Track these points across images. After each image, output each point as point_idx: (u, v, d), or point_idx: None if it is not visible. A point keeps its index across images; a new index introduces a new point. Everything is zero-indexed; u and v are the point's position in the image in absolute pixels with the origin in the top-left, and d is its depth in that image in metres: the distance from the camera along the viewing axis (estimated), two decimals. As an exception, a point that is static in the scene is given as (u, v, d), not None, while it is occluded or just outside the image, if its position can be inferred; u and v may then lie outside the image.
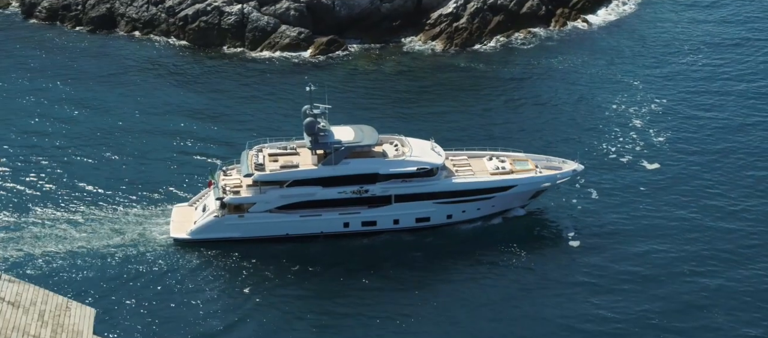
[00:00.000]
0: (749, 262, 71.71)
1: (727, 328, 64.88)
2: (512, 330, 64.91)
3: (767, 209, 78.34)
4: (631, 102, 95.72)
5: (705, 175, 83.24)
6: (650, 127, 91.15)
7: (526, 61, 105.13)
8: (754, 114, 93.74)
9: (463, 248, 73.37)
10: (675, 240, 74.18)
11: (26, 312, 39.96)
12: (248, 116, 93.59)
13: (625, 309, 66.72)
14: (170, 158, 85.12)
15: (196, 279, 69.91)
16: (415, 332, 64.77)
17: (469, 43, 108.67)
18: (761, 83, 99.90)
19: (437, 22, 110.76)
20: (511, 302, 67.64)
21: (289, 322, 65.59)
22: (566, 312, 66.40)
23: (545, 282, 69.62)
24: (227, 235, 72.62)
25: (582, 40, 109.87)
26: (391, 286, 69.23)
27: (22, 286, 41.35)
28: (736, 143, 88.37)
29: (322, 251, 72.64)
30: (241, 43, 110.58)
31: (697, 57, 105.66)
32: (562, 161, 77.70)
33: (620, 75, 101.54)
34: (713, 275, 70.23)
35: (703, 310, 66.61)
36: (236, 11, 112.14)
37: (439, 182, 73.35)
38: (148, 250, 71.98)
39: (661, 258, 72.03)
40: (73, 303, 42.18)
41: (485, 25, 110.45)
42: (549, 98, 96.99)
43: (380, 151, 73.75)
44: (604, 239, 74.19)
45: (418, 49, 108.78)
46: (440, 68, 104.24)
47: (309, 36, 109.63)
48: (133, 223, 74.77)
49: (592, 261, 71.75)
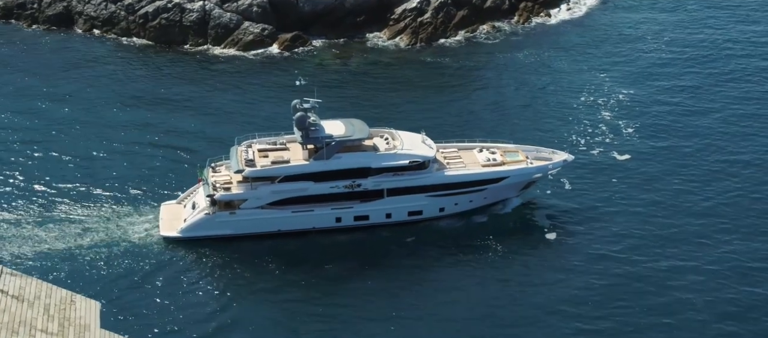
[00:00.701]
0: (722, 244, 72.52)
1: (702, 308, 65.67)
2: (498, 321, 64.81)
3: (738, 193, 79.35)
4: (598, 94, 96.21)
5: (676, 164, 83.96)
6: (619, 118, 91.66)
7: (492, 56, 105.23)
8: (719, 101, 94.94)
9: (444, 244, 73.09)
10: (649, 228, 74.62)
11: (31, 306, 38.75)
12: (223, 113, 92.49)
13: (604, 295, 66.97)
14: (153, 157, 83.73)
15: (188, 277, 68.82)
16: (409, 326, 64.39)
17: (434, 38, 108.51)
18: (724, 72, 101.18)
19: (402, 18, 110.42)
20: (493, 294, 67.44)
21: (282, 319, 64.88)
22: (547, 300, 66.41)
23: (526, 274, 69.57)
24: (218, 232, 71.55)
25: (546, 34, 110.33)
26: (380, 282, 68.74)
27: (24, 280, 40.11)
28: (703, 130, 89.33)
29: (314, 247, 71.97)
30: (203, 40, 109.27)
31: (660, 48, 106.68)
32: (552, 151, 77.81)
33: (586, 68, 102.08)
34: (689, 258, 70.86)
35: (680, 291, 67.18)
36: (198, 8, 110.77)
37: (431, 175, 72.90)
38: (137, 249, 70.70)
39: (636, 246, 72.38)
40: (77, 297, 41.03)
41: (449, 19, 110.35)
42: (517, 92, 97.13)
43: (371, 145, 73.11)
44: (579, 230, 74.36)
45: (383, 44, 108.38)
46: (407, 63, 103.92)
47: (273, 32, 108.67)
48: (117, 223, 73.39)
49: (570, 252, 71.94)
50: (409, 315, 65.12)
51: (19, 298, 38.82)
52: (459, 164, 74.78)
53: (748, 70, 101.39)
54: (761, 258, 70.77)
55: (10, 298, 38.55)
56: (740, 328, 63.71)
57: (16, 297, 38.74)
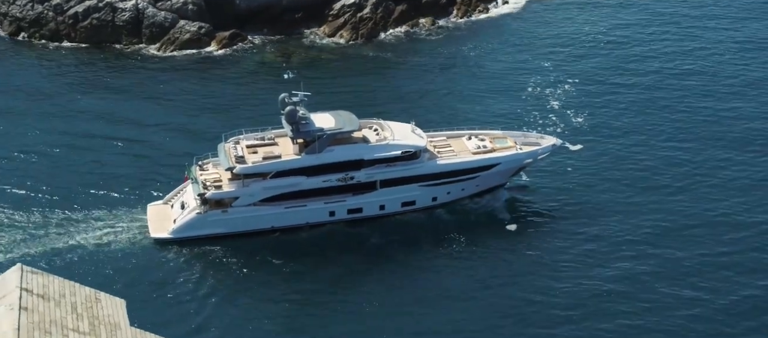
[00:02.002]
0: (681, 229, 73.37)
1: (667, 292, 66.12)
2: (471, 315, 64.20)
3: (691, 175, 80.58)
4: (545, 85, 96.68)
5: (627, 151, 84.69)
6: (568, 108, 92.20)
7: (435, 50, 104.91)
8: (663, 88, 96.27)
9: (404, 240, 72.24)
10: (606, 215, 75.05)
11: (58, 304, 36.45)
12: (175, 113, 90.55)
13: (570, 283, 67.03)
14: (123, 161, 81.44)
15: (182, 278, 66.81)
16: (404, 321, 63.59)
17: (374, 34, 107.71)
18: (666, 59, 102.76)
19: (340, 13, 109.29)
20: (461, 289, 66.79)
21: (276, 317, 63.53)
22: (515, 292, 66.21)
23: (493, 266, 69.18)
24: (211, 231, 69.65)
25: (486, 27, 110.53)
26: (373, 277, 67.87)
27: (46, 278, 37.75)
28: (652, 117, 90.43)
29: (308, 243, 70.77)
30: (138, 40, 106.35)
31: (600, 39, 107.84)
32: (540, 136, 77.87)
33: (530, 59, 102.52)
34: (650, 244, 71.38)
35: (644, 276, 67.67)
36: (130, 7, 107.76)
37: (424, 165, 72.20)
38: (128, 253, 68.34)
39: (596, 234, 72.65)
40: (101, 294, 38.77)
41: (389, 15, 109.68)
42: (464, 85, 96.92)
43: (361, 136, 72.07)
44: (539, 221, 74.37)
45: (324, 41, 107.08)
46: (349, 58, 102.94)
47: (210, 30, 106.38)
48: (103, 228, 70.81)
49: (531, 243, 71.84)
50: (403, 311, 64.42)
51: (45, 297, 36.52)
52: (450, 152, 74.22)
53: (688, 57, 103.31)
54: (725, 242, 71.73)
55: (36, 297, 36.23)
56: (707, 312, 64.35)
57: (42, 296, 36.44)
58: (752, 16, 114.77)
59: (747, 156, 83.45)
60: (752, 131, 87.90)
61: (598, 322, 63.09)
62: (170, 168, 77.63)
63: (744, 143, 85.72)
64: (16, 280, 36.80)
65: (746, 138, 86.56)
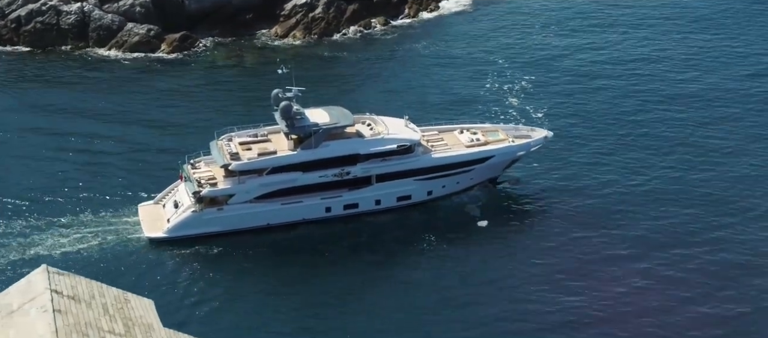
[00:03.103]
0: (647, 209, 74.15)
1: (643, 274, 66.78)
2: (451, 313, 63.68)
3: (653, 158, 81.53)
4: (502, 81, 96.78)
5: (588, 142, 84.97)
6: (527, 103, 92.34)
7: (389, 49, 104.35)
8: (615, 78, 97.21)
9: (375, 240, 71.56)
10: (573, 205, 75.35)
11: (89, 306, 34.87)
12: (142, 113, 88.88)
13: (543, 274, 67.11)
14: (100, 163, 79.55)
15: (179, 277, 65.24)
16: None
17: (327, 34, 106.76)
18: (616, 50, 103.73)
19: (292, 13, 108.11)
20: (434, 285, 66.36)
21: (273, 315, 62.42)
22: (492, 287, 65.95)
23: (466, 262, 68.80)
24: (207, 230, 68.35)
25: (439, 25, 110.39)
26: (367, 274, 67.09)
27: (73, 278, 36.12)
28: (609, 107, 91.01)
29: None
30: (84, 43, 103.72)
31: (552, 34, 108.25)
32: (530, 129, 77.94)
33: (485, 56, 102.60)
34: (625, 227, 71.97)
35: (618, 261, 68.02)
36: (76, 10, 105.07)
37: (420, 159, 71.89)
38: (124, 254, 66.40)
39: (565, 224, 72.90)
40: (130, 295, 37.31)
41: (341, 14, 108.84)
42: (422, 83, 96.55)
43: (355, 131, 71.51)
44: (509, 216, 74.20)
45: (276, 42, 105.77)
46: (303, 58, 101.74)
47: (159, 33, 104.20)
48: (95, 230, 68.92)
49: (502, 237, 71.71)
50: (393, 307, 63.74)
51: (76, 298, 34.95)
52: (443, 146, 74.02)
53: (638, 44, 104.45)
54: (690, 231, 72.20)
55: (67, 299, 34.63)
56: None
57: (72, 298, 34.86)
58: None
59: (702, 140, 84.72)
60: (706, 114, 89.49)
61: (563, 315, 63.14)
62: (153, 167, 76.46)
63: (697, 125, 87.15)
64: (44, 281, 35.23)
65: (702, 120, 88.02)
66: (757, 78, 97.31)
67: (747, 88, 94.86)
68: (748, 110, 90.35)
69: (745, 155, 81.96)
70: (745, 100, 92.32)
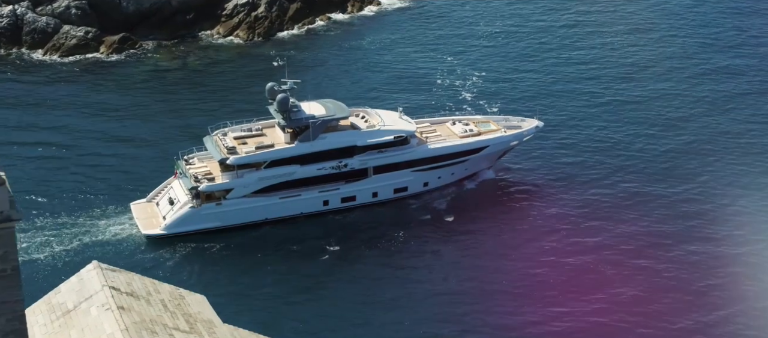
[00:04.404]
0: (594, 186, 74.99)
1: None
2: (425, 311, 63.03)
3: (610, 144, 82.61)
4: (453, 77, 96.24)
5: (547, 136, 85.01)
6: (480, 98, 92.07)
7: (334, 46, 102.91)
8: (564, 70, 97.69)
9: (344, 235, 70.61)
10: (539, 200, 75.53)
11: (148, 302, 32.77)
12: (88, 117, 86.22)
13: (512, 270, 67.01)
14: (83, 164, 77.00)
15: (185, 273, 63.41)
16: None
17: (271, 32, 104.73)
18: (562, 41, 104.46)
19: (234, 13, 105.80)
20: (411, 282, 65.78)
21: (271, 313, 60.90)
22: (458, 285, 65.62)
23: (433, 258, 68.58)
24: (205, 226, 67.33)
25: (383, 22, 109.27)
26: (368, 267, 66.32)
27: (126, 275, 33.97)
28: (560, 97, 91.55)
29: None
30: (18, 46, 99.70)
31: (497, 29, 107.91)
32: (521, 119, 78.11)
33: (433, 53, 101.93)
34: (578, 226, 71.92)
35: (586, 252, 68.29)
36: (8, 13, 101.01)
37: (416, 150, 72.04)
38: (123, 253, 64.18)
39: (533, 219, 72.92)
40: (182, 291, 35.41)
41: (284, 13, 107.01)
42: (372, 81, 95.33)
43: (349, 124, 71.35)
44: (473, 211, 73.91)
45: (219, 41, 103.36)
46: (249, 58, 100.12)
47: (97, 35, 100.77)
48: (89, 230, 66.71)
49: (469, 233, 71.33)
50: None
51: (134, 295, 32.88)
52: (438, 137, 74.11)
53: (583, 37, 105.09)
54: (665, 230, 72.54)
55: (126, 295, 32.50)
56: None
57: (131, 294, 32.77)
58: None
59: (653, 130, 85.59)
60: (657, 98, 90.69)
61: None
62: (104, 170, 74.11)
63: (646, 109, 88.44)
64: (99, 279, 33.12)
65: (649, 101, 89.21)
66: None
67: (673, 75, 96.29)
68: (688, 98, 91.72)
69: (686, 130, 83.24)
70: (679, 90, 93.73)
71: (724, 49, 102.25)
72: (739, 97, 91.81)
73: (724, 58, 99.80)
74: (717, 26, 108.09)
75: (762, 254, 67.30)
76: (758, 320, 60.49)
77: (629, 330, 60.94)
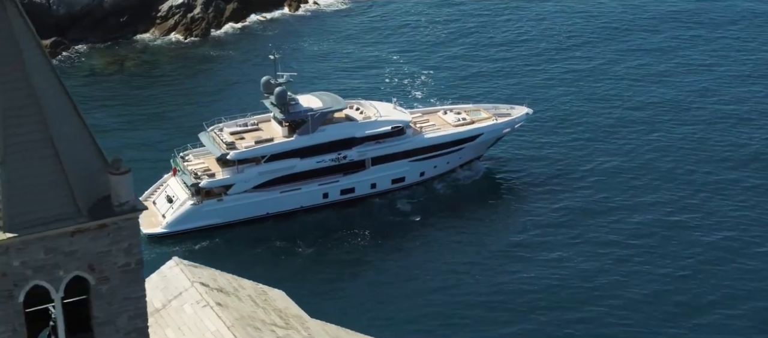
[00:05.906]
0: (592, 206, 74.48)
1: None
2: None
3: (598, 152, 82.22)
4: (401, 76, 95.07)
5: (533, 125, 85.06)
6: (431, 96, 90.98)
7: (273, 45, 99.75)
8: (517, 64, 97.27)
9: (310, 234, 69.92)
10: (498, 195, 75.98)
11: (239, 298, 31.03)
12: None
13: (478, 262, 67.40)
14: None
15: None
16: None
17: (208, 32, 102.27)
18: (510, 35, 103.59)
19: (170, 15, 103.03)
20: (386, 281, 66.04)
21: None
22: (434, 284, 65.78)
23: (398, 255, 68.79)
24: (207, 223, 67.05)
25: (321, 22, 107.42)
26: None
27: (207, 270, 32.19)
28: (516, 91, 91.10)
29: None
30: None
31: (438, 26, 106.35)
32: (510, 107, 78.92)
33: (377, 52, 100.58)
34: (551, 227, 72.26)
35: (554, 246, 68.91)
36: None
37: (412, 139, 72.75)
38: None
39: (496, 214, 73.45)
40: (264, 286, 33.83)
41: (220, 13, 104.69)
42: (318, 82, 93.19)
43: (345, 116, 71.76)
44: (437, 210, 73.95)
45: (156, 43, 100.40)
46: (187, 58, 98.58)
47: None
48: None
49: (440, 230, 71.67)
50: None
51: (224, 291, 31.07)
52: (432, 127, 74.85)
53: (531, 30, 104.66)
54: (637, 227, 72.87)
55: (217, 292, 30.63)
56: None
57: (221, 291, 30.94)
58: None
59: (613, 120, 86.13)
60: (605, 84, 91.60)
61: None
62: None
63: (602, 100, 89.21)
64: (185, 275, 31.19)
65: (597, 94, 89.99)
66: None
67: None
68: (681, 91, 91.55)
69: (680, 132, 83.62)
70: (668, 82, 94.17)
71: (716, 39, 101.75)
72: (737, 90, 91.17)
73: (720, 51, 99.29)
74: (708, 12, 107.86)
75: (762, 255, 67.89)
76: (759, 320, 61.27)
77: (614, 325, 61.31)
